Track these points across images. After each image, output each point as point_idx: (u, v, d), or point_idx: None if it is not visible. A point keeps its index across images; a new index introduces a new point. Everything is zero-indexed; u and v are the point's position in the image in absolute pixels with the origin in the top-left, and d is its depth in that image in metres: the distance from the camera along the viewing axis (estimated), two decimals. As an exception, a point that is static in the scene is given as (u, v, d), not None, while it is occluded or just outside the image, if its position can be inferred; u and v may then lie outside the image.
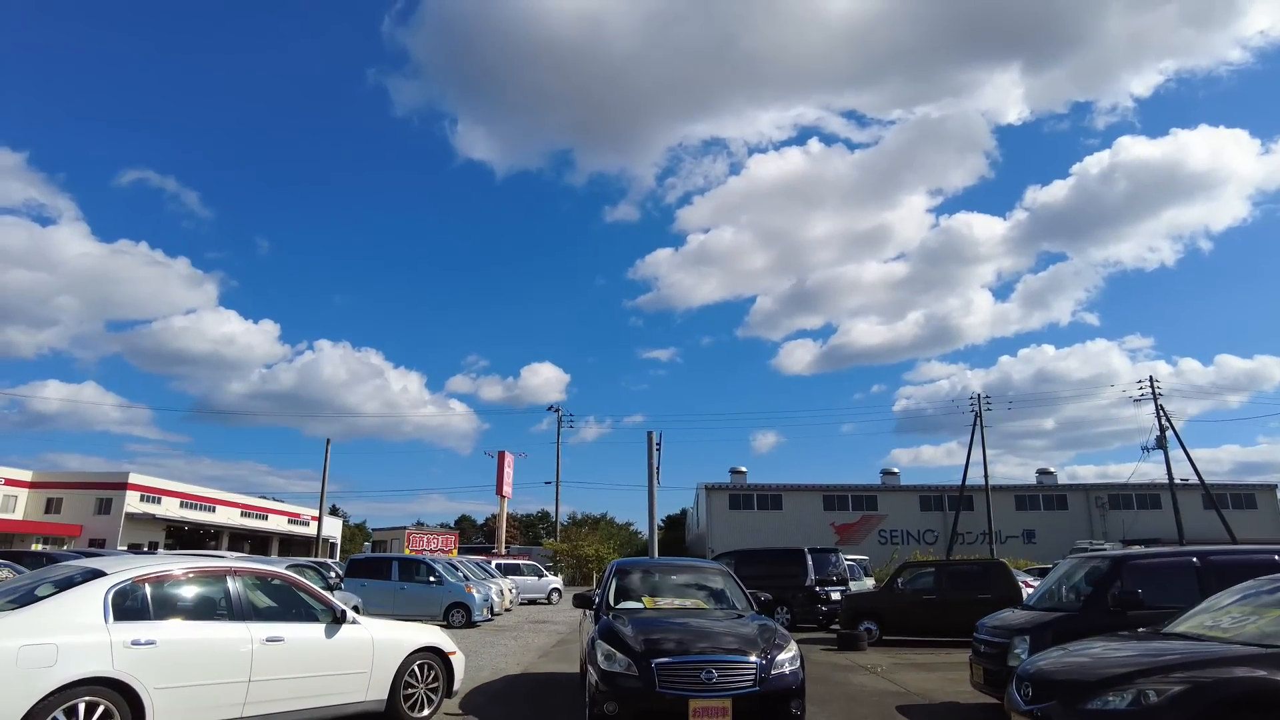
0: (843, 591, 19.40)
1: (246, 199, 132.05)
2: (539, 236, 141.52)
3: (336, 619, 6.91)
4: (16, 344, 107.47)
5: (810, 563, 19.04)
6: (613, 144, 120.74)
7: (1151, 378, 50.29)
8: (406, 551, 34.80)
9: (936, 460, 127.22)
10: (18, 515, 59.67)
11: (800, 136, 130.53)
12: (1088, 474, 63.52)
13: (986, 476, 54.05)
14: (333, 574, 17.97)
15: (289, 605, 6.84)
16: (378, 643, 7.14)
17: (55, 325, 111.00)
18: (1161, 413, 49.01)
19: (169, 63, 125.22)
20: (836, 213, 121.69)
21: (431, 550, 36.59)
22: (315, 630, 6.75)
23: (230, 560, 8.31)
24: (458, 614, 17.94)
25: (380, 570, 18.61)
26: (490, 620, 19.41)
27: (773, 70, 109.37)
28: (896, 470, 64.79)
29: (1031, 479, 64.09)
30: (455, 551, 37.98)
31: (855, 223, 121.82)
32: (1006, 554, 50.79)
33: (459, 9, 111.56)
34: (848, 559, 21.23)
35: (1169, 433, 48.29)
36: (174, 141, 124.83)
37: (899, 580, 15.98)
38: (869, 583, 23.63)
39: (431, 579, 18.25)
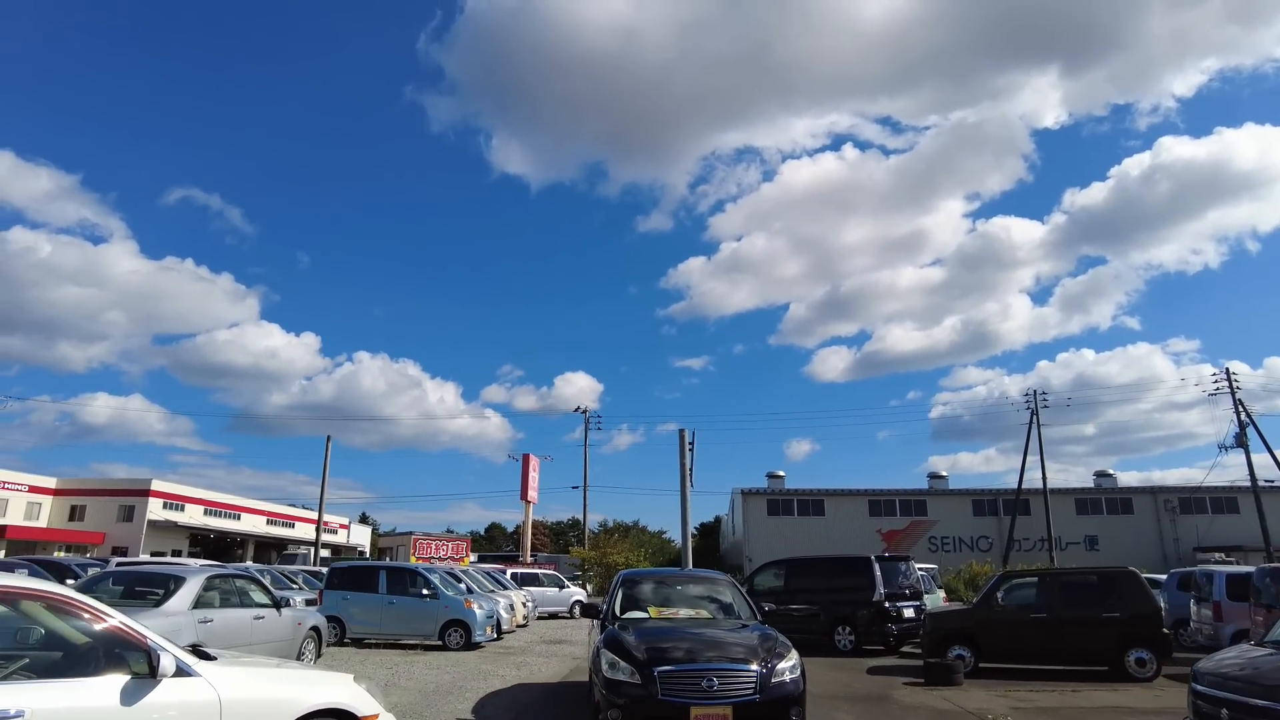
0: (917, 607, 16.20)
1: (288, 215, 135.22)
2: (573, 247, 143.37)
3: (149, 670, 4.05)
4: (69, 358, 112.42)
5: (878, 573, 15.85)
6: (645, 154, 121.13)
7: (1228, 370, 46.01)
8: (413, 559, 32.08)
9: (975, 467, 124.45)
10: (42, 523, 58.67)
11: (834, 143, 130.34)
12: (1131, 480, 59.34)
13: (1044, 478, 50.13)
14: (297, 582, 15.24)
15: (55, 647, 4.02)
16: (229, 709, 4.27)
17: (105, 340, 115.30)
18: (1241, 408, 44.74)
19: (213, 83, 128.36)
20: (871, 218, 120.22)
21: (441, 558, 33.84)
22: (101, 692, 3.89)
23: None
24: (455, 634, 15.05)
25: (365, 581, 15.75)
26: (496, 640, 16.51)
27: (806, 78, 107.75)
28: (945, 474, 61.04)
29: (1075, 484, 59.84)
30: (467, 560, 35.20)
31: (890, 228, 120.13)
32: (1068, 561, 46.85)
33: (492, 25, 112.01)
34: (920, 568, 18.00)
35: (1248, 430, 44.15)
36: (218, 159, 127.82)
37: (998, 594, 12.77)
38: (940, 596, 20.33)
39: (425, 592, 15.39)
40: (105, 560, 23.67)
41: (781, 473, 58.60)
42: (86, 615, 4.14)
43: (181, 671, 4.19)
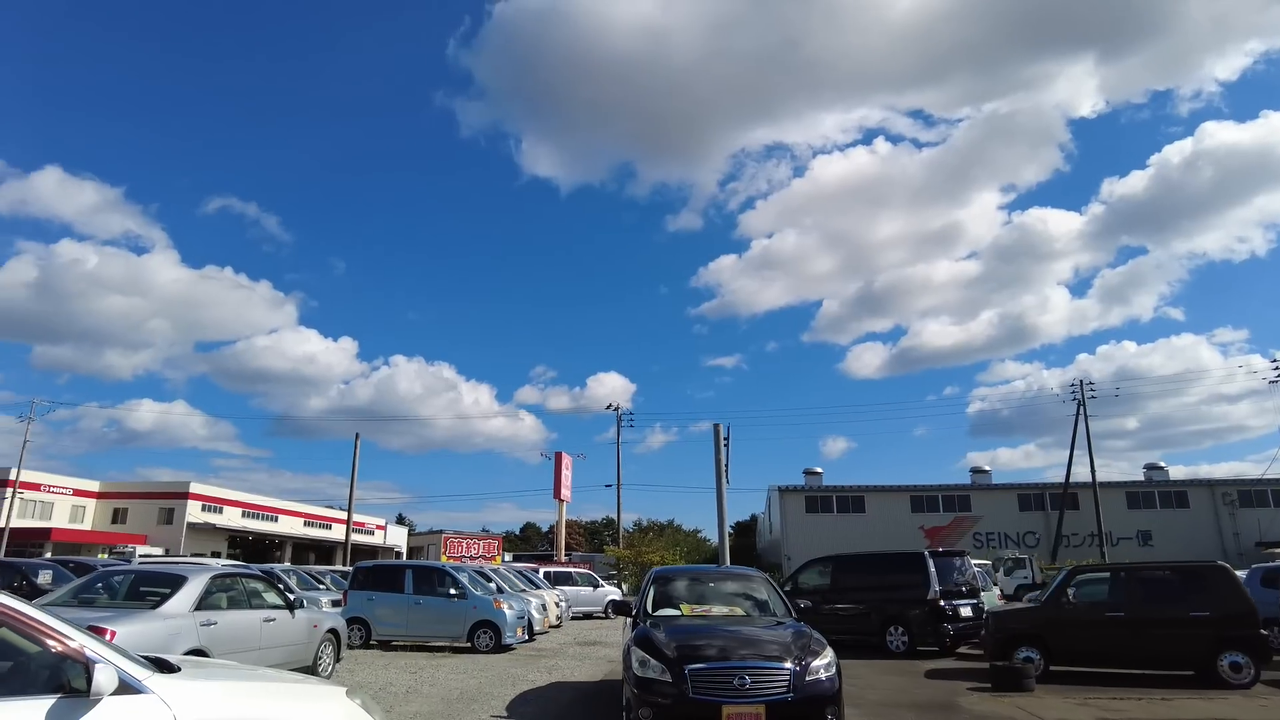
0: (975, 606, 15.13)
1: (323, 222, 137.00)
2: (603, 248, 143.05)
3: (62, 685, 3.29)
4: (115, 366, 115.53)
5: (933, 569, 14.80)
6: (674, 153, 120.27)
7: (1291, 356, 43.75)
8: (444, 558, 31.54)
9: (1014, 463, 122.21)
10: (86, 525, 59.67)
11: (865, 138, 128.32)
12: (1178, 475, 56.92)
13: (1093, 471, 48.36)
14: (324, 583, 14.66)
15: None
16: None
17: (149, 347, 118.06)
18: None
19: (246, 94, 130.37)
20: (904, 212, 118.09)
21: (473, 557, 33.26)
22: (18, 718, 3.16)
23: None
24: (485, 635, 14.33)
25: (391, 580, 15.09)
26: (528, 642, 15.78)
27: (835, 73, 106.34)
28: (988, 469, 59.28)
29: (1118, 478, 57.62)
30: (499, 559, 34.59)
31: (924, 222, 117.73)
32: (1120, 557, 45.04)
33: (520, 29, 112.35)
34: (975, 563, 16.88)
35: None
36: (254, 168, 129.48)
37: (1069, 591, 11.69)
38: (996, 593, 19.18)
39: (453, 592, 14.69)
40: (126, 559, 23.45)
41: (819, 469, 57.47)
42: (11, 623, 3.41)
43: (127, 688, 3.44)
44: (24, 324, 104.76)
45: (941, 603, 14.56)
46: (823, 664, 6.69)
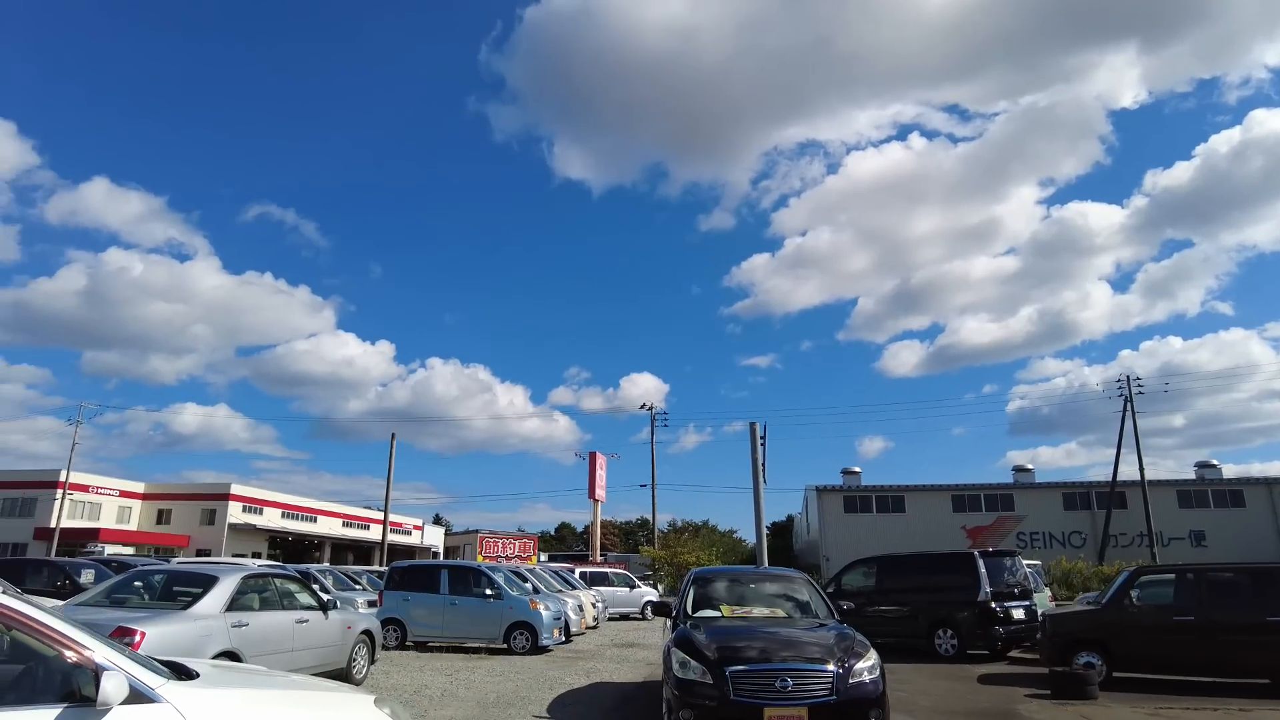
0: (1027, 608, 14.53)
1: (360, 228, 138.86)
2: (635, 249, 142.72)
3: (71, 694, 3.05)
4: (160, 371, 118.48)
5: (983, 570, 14.23)
6: (706, 152, 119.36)
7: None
8: (479, 558, 31.46)
9: (1055, 461, 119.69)
10: (133, 526, 61.00)
11: (900, 134, 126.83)
12: (1230, 473, 54.71)
13: (1141, 469, 46.86)
14: (361, 583, 14.51)
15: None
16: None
17: (192, 353, 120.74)
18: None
19: (282, 101, 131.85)
20: (940, 208, 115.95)
21: (508, 556, 33.14)
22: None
23: None
24: (521, 636, 14.10)
25: (426, 581, 14.91)
26: (564, 643, 15.52)
27: (868, 69, 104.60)
28: (1030, 467, 57.79)
29: (1165, 476, 55.71)
30: (534, 559, 34.44)
31: (961, 218, 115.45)
32: (1171, 558, 43.56)
33: (551, 33, 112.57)
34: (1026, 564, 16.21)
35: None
36: (291, 175, 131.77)
37: (1132, 593, 11.08)
38: (1047, 594, 18.48)
39: (489, 592, 14.48)
40: (164, 559, 23.62)
41: (857, 469, 56.48)
42: (16, 627, 3.18)
43: (139, 697, 3.19)
44: (74, 331, 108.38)
45: (993, 605, 13.99)
46: (866, 666, 6.58)
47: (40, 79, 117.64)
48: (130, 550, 48.75)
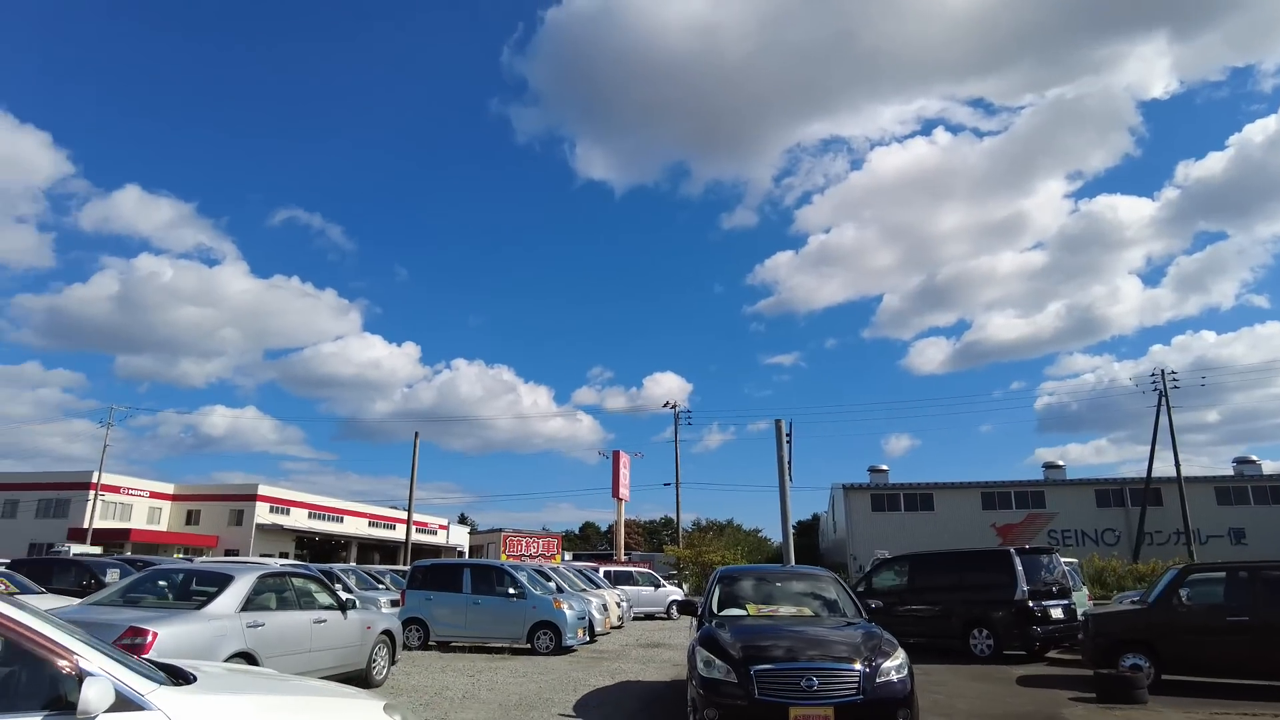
0: (1066, 607, 14.04)
1: (385, 231, 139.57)
2: (657, 249, 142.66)
3: (57, 700, 2.80)
4: (190, 374, 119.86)
5: (1020, 568, 13.76)
6: (728, 150, 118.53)
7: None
8: (503, 557, 31.31)
9: (1084, 458, 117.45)
10: (163, 527, 61.81)
11: (924, 129, 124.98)
12: (1270, 470, 53.22)
13: (1178, 465, 45.72)
14: (384, 582, 14.36)
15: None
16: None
17: (221, 356, 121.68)
18: None
19: (308, 105, 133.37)
20: (966, 203, 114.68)
21: (532, 555, 32.98)
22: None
23: None
24: (545, 636, 13.87)
25: (449, 580, 14.71)
26: (589, 643, 15.26)
27: (892, 63, 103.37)
28: (1061, 463, 56.76)
29: (1199, 472, 54.44)
30: (558, 557, 34.25)
31: (987, 213, 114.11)
32: (1209, 556, 42.42)
33: (572, 34, 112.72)
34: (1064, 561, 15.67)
35: None
36: (317, 180, 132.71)
37: (1181, 592, 10.59)
38: (1085, 593, 17.92)
39: (512, 591, 14.26)
40: (188, 559, 23.70)
41: (884, 467, 55.79)
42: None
43: (126, 703, 2.96)
44: (108, 335, 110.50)
45: (1030, 603, 13.52)
46: (894, 665, 6.49)
47: (73, 87, 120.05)
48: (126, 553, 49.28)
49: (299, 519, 65.20)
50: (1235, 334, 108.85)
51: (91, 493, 52.10)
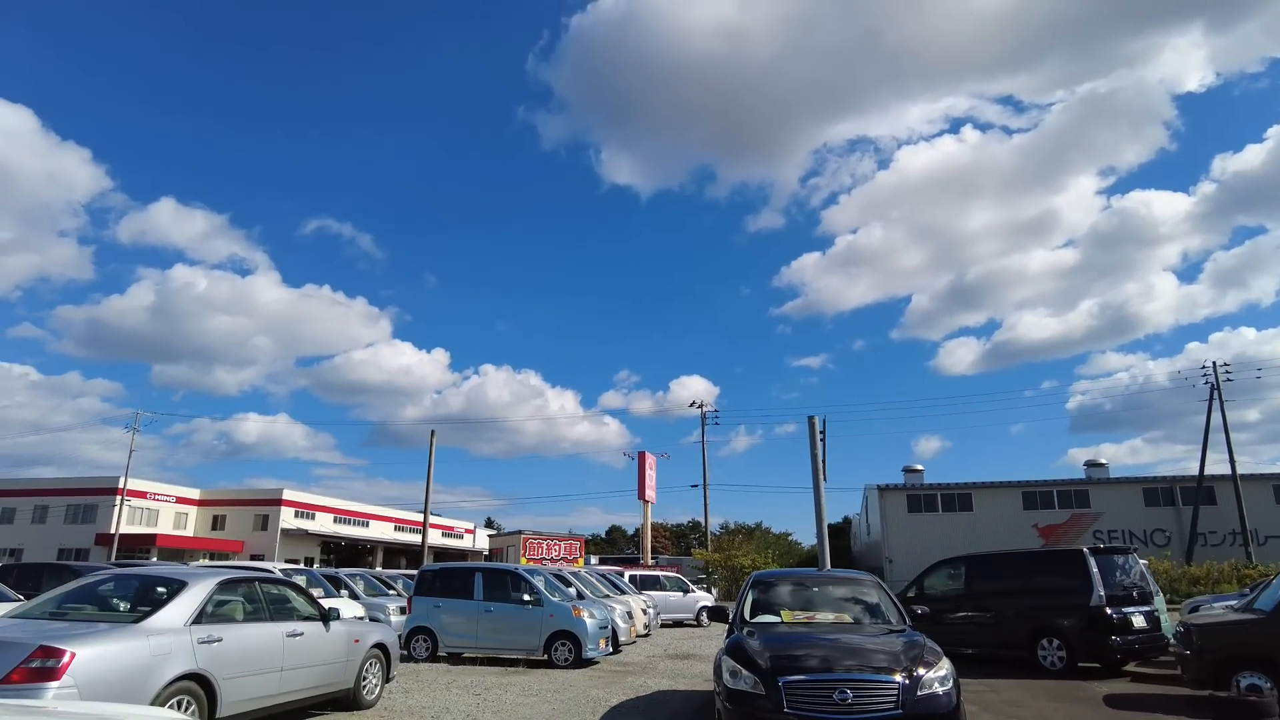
0: (1149, 614, 12.46)
1: (414, 239, 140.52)
2: (684, 252, 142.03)
3: None
4: (223, 382, 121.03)
5: (1095, 570, 12.22)
6: (754, 152, 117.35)
7: None
8: (523, 561, 30.08)
9: (1119, 459, 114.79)
10: (189, 532, 61.68)
11: (952, 127, 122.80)
12: None
13: (1233, 461, 43.48)
14: (396, 588, 13.14)
15: None
16: None
17: (254, 364, 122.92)
18: None
19: (337, 116, 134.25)
20: (996, 202, 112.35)
21: (553, 559, 31.71)
22: None
23: None
24: (563, 647, 12.58)
25: (459, 585, 13.46)
26: (612, 654, 13.94)
27: (919, 62, 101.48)
28: (1104, 461, 54.42)
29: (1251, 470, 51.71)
30: (581, 561, 32.95)
31: (1017, 211, 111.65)
32: (1269, 558, 40.12)
33: (597, 40, 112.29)
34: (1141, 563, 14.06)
35: None
36: (347, 190, 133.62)
37: (1307, 599, 9.03)
38: (1163, 599, 16.23)
39: (527, 598, 13.00)
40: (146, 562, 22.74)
41: (919, 467, 53.88)
42: None
43: None
44: (144, 345, 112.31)
45: (1108, 610, 11.96)
46: (937, 677, 6.06)
47: (112, 104, 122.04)
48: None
49: (324, 523, 64.73)
50: (1276, 330, 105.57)
51: (118, 498, 51.89)
